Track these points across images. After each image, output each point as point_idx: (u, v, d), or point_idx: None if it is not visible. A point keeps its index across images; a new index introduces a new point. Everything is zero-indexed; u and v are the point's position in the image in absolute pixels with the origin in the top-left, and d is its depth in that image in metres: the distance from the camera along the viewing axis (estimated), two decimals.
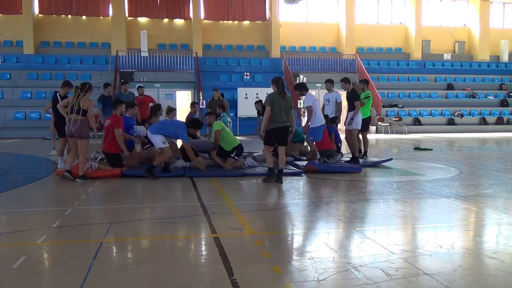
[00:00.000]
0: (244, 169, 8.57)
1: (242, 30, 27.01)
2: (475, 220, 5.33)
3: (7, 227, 4.94)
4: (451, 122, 23.20)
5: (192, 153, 7.97)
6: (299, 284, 3.22)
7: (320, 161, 9.12)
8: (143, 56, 23.20)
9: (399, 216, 5.43)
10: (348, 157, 9.96)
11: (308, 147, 9.71)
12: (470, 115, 23.93)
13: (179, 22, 26.34)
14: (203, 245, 4.23)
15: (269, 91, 21.06)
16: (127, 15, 25.38)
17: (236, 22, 26.88)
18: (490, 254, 3.92)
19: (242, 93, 21.10)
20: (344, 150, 11.04)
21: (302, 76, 22.13)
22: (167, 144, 7.90)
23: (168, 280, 3.29)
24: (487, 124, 23.47)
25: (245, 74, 23.82)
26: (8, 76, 22.07)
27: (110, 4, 24.89)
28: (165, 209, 5.94)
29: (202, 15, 25.99)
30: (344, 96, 10.16)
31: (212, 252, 3.93)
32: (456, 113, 23.58)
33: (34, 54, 23.87)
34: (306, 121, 8.84)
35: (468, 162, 10.59)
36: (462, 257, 3.87)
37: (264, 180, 7.46)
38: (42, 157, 11.52)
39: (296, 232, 4.69)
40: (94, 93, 8.26)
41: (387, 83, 25.40)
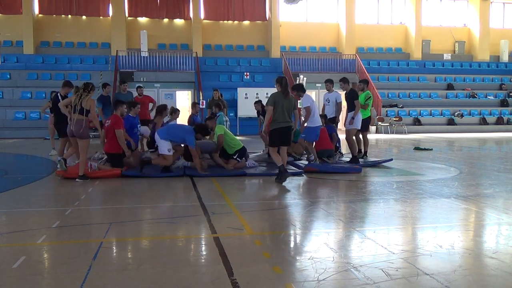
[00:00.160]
0: (245, 169, 8.58)
1: (242, 30, 27.00)
2: (475, 220, 5.33)
3: (7, 227, 4.94)
4: (451, 122, 23.20)
5: (197, 158, 8.00)
6: (299, 284, 3.22)
7: (312, 161, 9.11)
8: (143, 56, 23.19)
9: (399, 216, 5.43)
10: (348, 157, 9.97)
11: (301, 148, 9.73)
12: (470, 115, 23.93)
13: (179, 22, 26.34)
14: (203, 245, 4.23)
15: (269, 91, 21.25)
16: (127, 15, 25.38)
17: (236, 22, 26.88)
18: (490, 254, 3.92)
19: (242, 93, 21.09)
20: (344, 150, 11.04)
21: (302, 76, 22.13)
22: (171, 152, 7.97)
23: (168, 280, 3.30)
24: (487, 124, 23.46)
25: (245, 74, 23.81)
26: (8, 76, 22.07)
27: (110, 4, 24.89)
28: (165, 209, 5.95)
29: (202, 15, 25.99)
30: (343, 96, 10.18)
31: (212, 252, 3.93)
32: (456, 113, 23.58)
33: (34, 54, 23.86)
34: (303, 120, 8.83)
35: (468, 162, 10.59)
36: (462, 257, 3.87)
37: (276, 180, 7.31)
38: (42, 157, 11.52)
39: (296, 232, 4.69)
40: (95, 93, 8.33)
41: (387, 83, 25.39)
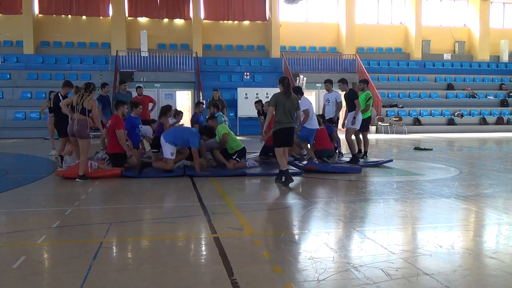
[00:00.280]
0: (245, 169, 8.58)
1: (242, 30, 27.00)
2: (475, 220, 5.33)
3: (7, 227, 4.94)
4: (451, 122, 23.20)
5: (198, 159, 7.99)
6: (299, 284, 3.22)
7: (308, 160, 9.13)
8: (143, 56, 23.19)
9: (399, 216, 5.43)
10: (348, 157, 9.98)
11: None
12: (470, 115, 23.93)
13: (179, 22, 26.33)
14: (203, 245, 4.23)
15: (269, 91, 21.28)
16: (127, 15, 25.38)
17: (236, 22, 26.87)
18: (490, 254, 3.92)
19: (242, 93, 21.10)
20: (344, 150, 11.05)
21: (302, 76, 22.13)
22: (174, 156, 8.00)
23: (168, 280, 3.29)
24: (487, 124, 23.46)
25: (245, 74, 23.82)
26: (8, 76, 22.07)
27: (110, 4, 24.89)
28: (165, 209, 5.95)
29: (202, 15, 25.99)
30: (343, 96, 10.19)
31: (212, 252, 3.93)
32: (456, 113, 23.57)
33: (34, 54, 23.87)
34: (301, 122, 8.85)
35: (468, 162, 10.59)
36: (462, 257, 3.87)
37: (276, 180, 7.23)
38: (42, 157, 11.52)
39: (296, 232, 4.69)
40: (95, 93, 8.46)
41: (387, 83, 25.39)
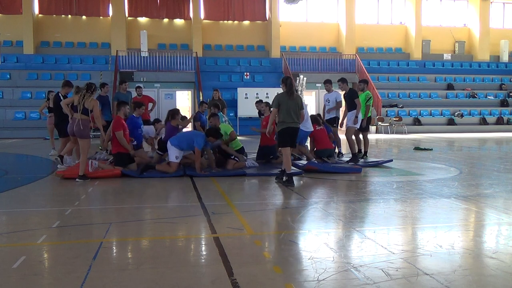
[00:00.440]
0: (245, 169, 8.57)
1: (242, 30, 27.00)
2: (475, 220, 5.33)
3: (7, 227, 4.94)
4: (451, 122, 23.20)
5: (199, 159, 7.99)
6: (299, 284, 3.22)
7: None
8: (143, 56, 23.19)
9: (399, 216, 5.43)
10: (348, 156, 9.98)
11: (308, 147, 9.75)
12: (470, 115, 23.93)
13: (179, 22, 26.33)
14: (203, 245, 4.23)
15: (269, 91, 21.26)
16: (127, 15, 25.37)
17: (236, 22, 26.87)
18: (490, 254, 3.92)
19: (242, 93, 21.10)
20: (344, 150, 11.05)
21: (302, 76, 22.13)
22: (179, 160, 8.00)
23: (168, 280, 3.29)
24: (487, 124, 23.46)
25: (245, 74, 23.82)
26: (8, 76, 22.07)
27: (110, 4, 24.89)
28: (165, 209, 5.95)
29: (202, 15, 25.98)
30: (343, 96, 10.20)
31: (212, 252, 3.93)
32: (456, 113, 23.58)
33: (34, 54, 23.86)
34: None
35: (468, 162, 10.59)
36: (462, 257, 3.87)
37: (288, 186, 7.09)
38: (42, 157, 11.52)
39: (296, 232, 4.68)
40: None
41: (387, 83, 25.39)
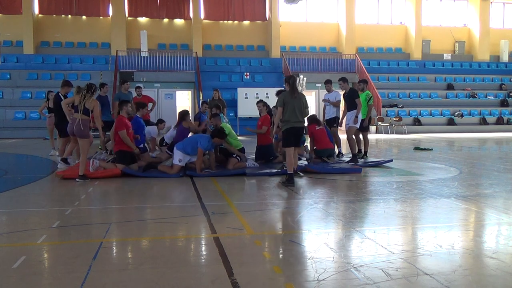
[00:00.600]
0: (245, 169, 8.58)
1: (242, 30, 27.00)
2: (475, 220, 5.33)
3: (7, 227, 4.94)
4: (451, 122, 23.20)
5: (201, 159, 8.00)
6: (299, 284, 3.22)
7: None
8: (143, 56, 23.20)
9: (399, 216, 5.43)
10: (349, 156, 9.99)
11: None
12: (470, 115, 23.93)
13: (179, 22, 26.33)
14: (203, 245, 4.23)
15: (269, 91, 21.27)
16: (127, 15, 25.37)
17: (236, 22, 26.87)
18: (490, 254, 3.92)
19: (242, 93, 21.10)
20: (344, 150, 11.05)
21: (302, 76, 22.14)
22: (182, 163, 8.01)
23: (168, 280, 3.29)
24: (487, 124, 23.46)
25: (245, 74, 23.82)
26: (8, 76, 22.07)
27: (110, 4, 24.89)
28: (165, 209, 5.94)
29: (202, 15, 25.99)
30: (342, 96, 10.21)
31: (212, 252, 3.93)
32: (456, 113, 23.57)
33: (34, 54, 23.86)
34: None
35: (468, 162, 10.59)
36: (462, 257, 3.87)
37: (283, 183, 7.14)
38: (42, 157, 11.52)
39: (296, 232, 4.68)
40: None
41: (387, 83, 25.39)
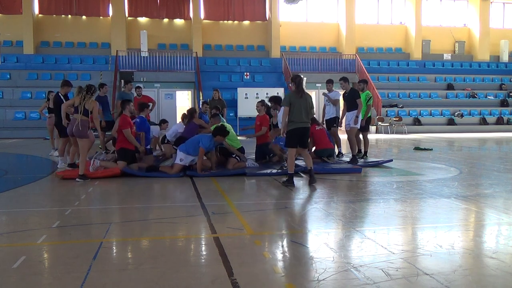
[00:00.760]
0: (245, 169, 8.57)
1: (242, 30, 26.99)
2: (475, 220, 5.34)
3: (7, 227, 4.95)
4: (451, 122, 23.19)
5: (201, 160, 8.00)
6: (299, 284, 3.23)
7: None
8: (143, 56, 23.19)
9: (399, 216, 5.43)
10: (349, 156, 9.99)
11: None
12: (470, 115, 23.92)
13: (179, 22, 26.33)
14: (203, 245, 4.23)
15: (269, 91, 21.27)
16: (127, 15, 25.36)
17: (236, 22, 26.86)
18: (490, 254, 3.92)
19: (242, 93, 21.09)
20: (344, 150, 11.05)
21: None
22: (183, 163, 8.02)
23: (168, 280, 3.29)
24: (487, 124, 23.45)
25: (245, 74, 23.81)
26: (8, 76, 22.06)
27: (110, 4, 24.87)
28: (165, 209, 5.94)
29: (202, 15, 25.97)
30: (342, 96, 10.23)
31: (212, 252, 3.93)
32: (456, 113, 23.57)
33: (34, 54, 23.85)
34: (277, 131, 8.90)
35: (468, 162, 10.59)
36: (462, 257, 3.87)
37: (283, 183, 7.15)
38: (42, 157, 11.52)
39: (296, 232, 4.68)
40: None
41: (387, 83, 25.38)
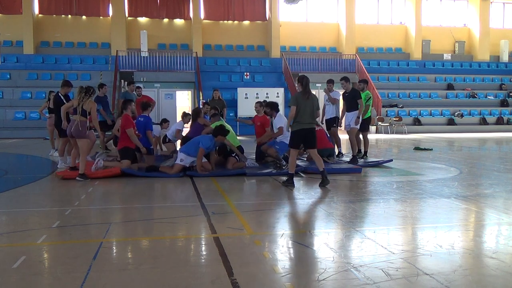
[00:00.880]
0: (245, 168, 8.57)
1: (242, 30, 26.98)
2: (475, 220, 5.34)
3: (7, 227, 4.95)
4: (451, 122, 23.19)
5: (201, 159, 8.01)
6: (299, 284, 3.23)
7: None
8: (143, 56, 23.17)
9: (399, 216, 5.43)
10: (349, 156, 9.99)
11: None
12: (470, 115, 23.91)
13: (179, 22, 26.32)
14: (203, 245, 4.23)
15: (269, 91, 21.25)
16: (127, 15, 25.36)
17: (236, 22, 26.86)
18: (490, 254, 3.92)
19: (242, 93, 21.08)
20: (344, 150, 11.05)
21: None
22: (183, 163, 8.04)
23: (168, 280, 3.30)
24: (487, 124, 23.44)
25: (245, 74, 23.80)
26: (8, 76, 22.06)
27: (110, 4, 24.86)
28: (165, 209, 5.95)
29: (202, 15, 25.96)
30: (342, 96, 10.22)
31: (212, 252, 3.93)
32: (456, 113, 23.56)
33: (34, 54, 23.84)
34: (274, 136, 8.92)
35: (468, 162, 10.59)
36: (462, 257, 3.87)
37: (283, 183, 7.14)
38: (42, 157, 11.52)
39: (296, 232, 4.69)
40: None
41: (387, 83, 25.38)
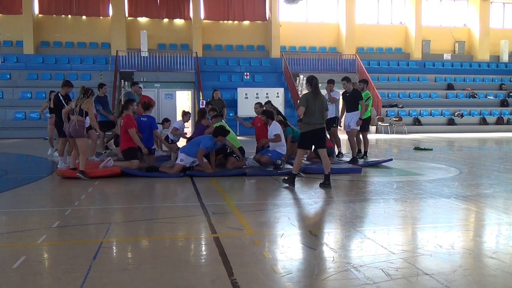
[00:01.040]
0: (245, 168, 8.57)
1: (242, 30, 26.98)
2: (475, 220, 5.34)
3: (7, 227, 4.95)
4: (451, 122, 23.19)
5: (201, 160, 8.02)
6: (299, 284, 3.23)
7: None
8: (143, 56, 23.17)
9: (399, 216, 5.43)
10: (349, 156, 9.99)
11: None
12: (470, 115, 23.91)
13: (179, 22, 26.32)
14: (203, 245, 4.23)
15: (269, 91, 21.25)
16: (127, 15, 25.36)
17: (236, 22, 26.86)
18: (490, 254, 3.92)
19: (242, 93, 21.08)
20: (344, 150, 11.05)
21: (302, 76, 22.13)
22: (183, 163, 8.06)
23: (168, 280, 3.30)
24: (487, 124, 23.44)
25: (245, 74, 23.81)
26: (8, 76, 22.05)
27: (110, 4, 24.87)
28: (165, 209, 5.94)
29: (202, 15, 25.97)
30: (341, 96, 10.24)
31: (212, 252, 3.93)
32: (456, 113, 23.57)
33: (34, 54, 23.84)
34: (271, 141, 8.92)
35: (468, 162, 10.59)
36: (462, 257, 3.87)
37: (284, 181, 7.13)
38: (42, 157, 11.52)
39: (296, 232, 4.69)
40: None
41: (387, 83, 25.38)
